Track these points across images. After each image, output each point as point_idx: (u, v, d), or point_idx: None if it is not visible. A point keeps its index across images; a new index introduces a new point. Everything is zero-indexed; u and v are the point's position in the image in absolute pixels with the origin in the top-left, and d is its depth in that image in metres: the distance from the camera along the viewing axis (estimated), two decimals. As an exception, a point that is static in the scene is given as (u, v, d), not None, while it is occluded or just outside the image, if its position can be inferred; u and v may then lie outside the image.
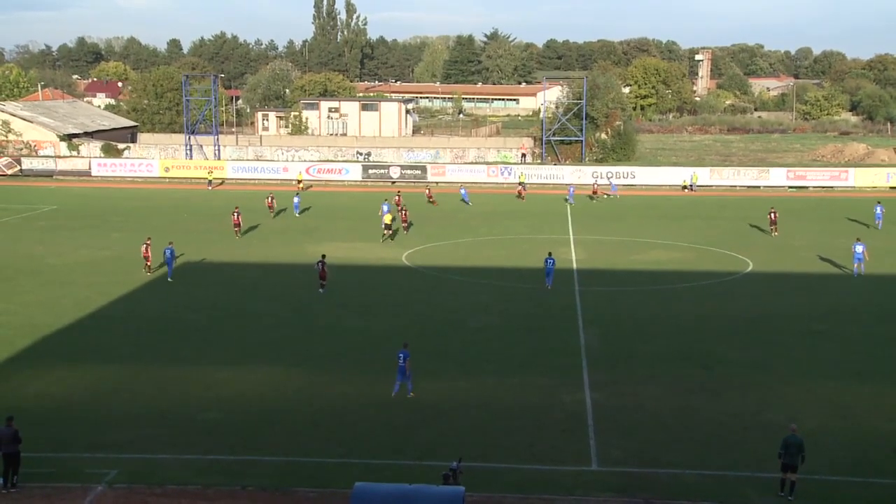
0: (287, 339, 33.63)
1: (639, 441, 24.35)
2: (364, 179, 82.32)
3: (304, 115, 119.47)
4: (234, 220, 54.17)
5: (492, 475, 22.12)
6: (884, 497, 21.23)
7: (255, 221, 59.21)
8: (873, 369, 30.29)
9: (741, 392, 28.10)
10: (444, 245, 52.68)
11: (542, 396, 27.73)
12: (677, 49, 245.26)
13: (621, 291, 41.53)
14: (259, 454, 23.35)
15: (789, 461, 21.04)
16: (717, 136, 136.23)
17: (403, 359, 27.53)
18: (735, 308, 38.49)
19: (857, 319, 36.46)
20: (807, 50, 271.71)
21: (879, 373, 29.93)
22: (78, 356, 31.35)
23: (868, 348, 32.63)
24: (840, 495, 21.32)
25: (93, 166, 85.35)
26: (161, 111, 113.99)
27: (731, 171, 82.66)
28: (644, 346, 32.88)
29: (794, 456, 21.03)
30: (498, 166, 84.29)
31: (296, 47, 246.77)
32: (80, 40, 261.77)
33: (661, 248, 51.83)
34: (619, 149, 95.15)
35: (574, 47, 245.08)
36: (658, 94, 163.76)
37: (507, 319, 36.54)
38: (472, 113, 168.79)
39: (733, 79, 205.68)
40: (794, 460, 21.03)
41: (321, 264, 40.76)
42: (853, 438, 24.49)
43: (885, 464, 22.83)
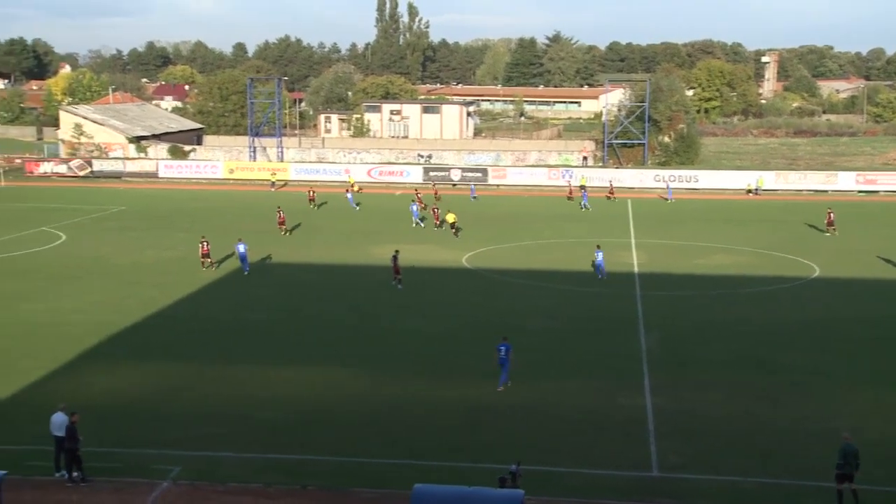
0: (347, 340, 33.93)
1: (699, 447, 24.08)
2: (425, 182, 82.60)
3: (365, 117, 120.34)
4: (280, 219, 56.52)
5: (550, 479, 22.04)
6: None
7: (317, 223, 59.90)
8: (943, 379, 29.51)
9: (804, 399, 27.61)
10: (505, 248, 52.63)
11: (601, 400, 27.57)
12: (743, 51, 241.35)
13: (683, 296, 41.07)
14: (318, 454, 23.59)
15: (847, 471, 20.67)
16: (783, 140, 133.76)
17: (505, 351, 28.14)
18: (799, 313, 37.81)
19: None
20: (879, 51, 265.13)
21: (950, 382, 29.15)
22: (143, 354, 32.02)
23: (938, 357, 31.81)
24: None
25: (160, 168, 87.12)
26: (226, 114, 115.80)
27: (797, 175, 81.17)
28: (705, 351, 32.48)
29: (851, 465, 20.67)
30: (559, 169, 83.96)
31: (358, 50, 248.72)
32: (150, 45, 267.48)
33: (724, 253, 51.13)
34: (681, 152, 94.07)
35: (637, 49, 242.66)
36: (722, 96, 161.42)
37: (566, 323, 36.38)
38: (534, 116, 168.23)
39: (801, 81, 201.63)
40: (852, 469, 20.65)
41: (395, 259, 41.90)
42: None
43: (954, 476, 22.23)
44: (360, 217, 62.87)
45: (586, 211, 66.60)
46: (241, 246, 44.83)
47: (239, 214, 60.53)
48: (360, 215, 63.26)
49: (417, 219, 59.65)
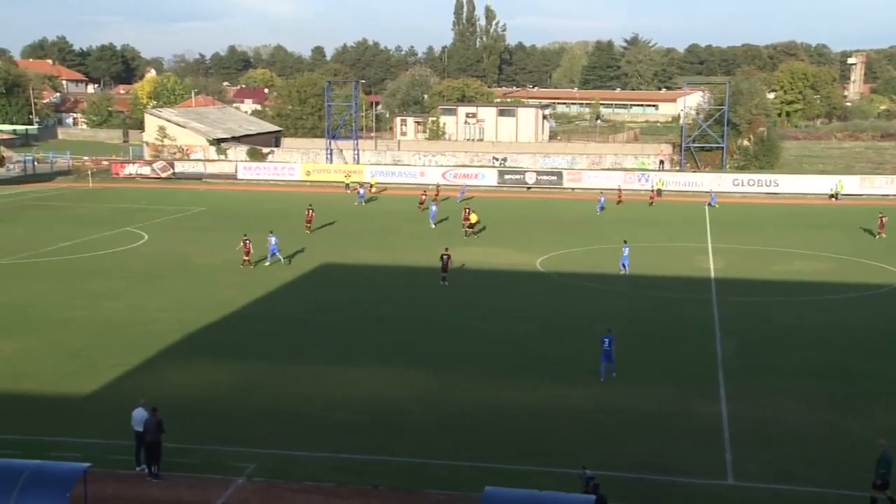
0: (417, 341, 34.09)
1: (776, 456, 23.59)
2: (500, 185, 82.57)
3: (441, 120, 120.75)
4: (308, 217, 57.80)
5: (623, 485, 21.82)
6: None
7: (393, 224, 60.40)
8: None
9: (886, 409, 26.84)
10: (578, 251, 52.28)
11: (675, 406, 27.21)
12: (828, 52, 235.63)
13: (760, 302, 40.26)
14: (388, 454, 23.76)
15: (887, 479, 20.29)
16: (869, 143, 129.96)
17: (609, 343, 29.29)
18: (882, 321, 36.74)
19: None
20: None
21: None
22: (220, 353, 32.66)
23: None
24: None
25: (239, 169, 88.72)
26: (304, 116, 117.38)
27: (883, 180, 78.89)
28: (783, 359, 31.79)
29: (888, 473, 20.32)
30: (635, 173, 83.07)
31: (435, 53, 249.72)
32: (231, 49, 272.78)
33: (803, 259, 49.97)
34: (761, 156, 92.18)
35: (717, 52, 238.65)
36: (805, 99, 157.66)
37: (640, 327, 35.96)
38: (610, 119, 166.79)
39: (889, 83, 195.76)
40: (889, 477, 20.27)
41: (446, 257, 42.89)
42: None
43: None
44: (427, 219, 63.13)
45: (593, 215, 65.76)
46: (272, 238, 47.45)
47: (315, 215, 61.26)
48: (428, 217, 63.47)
49: (433, 220, 60.16)
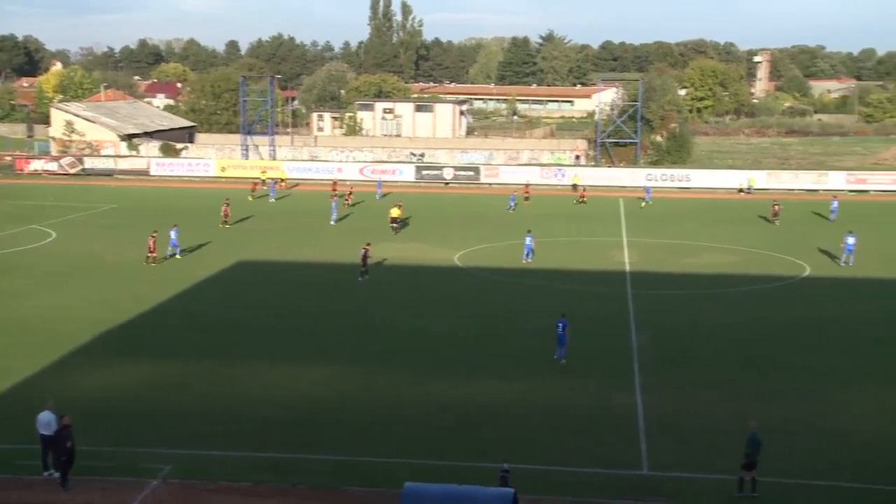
0: (340, 339, 33.88)
1: (691, 446, 24.13)
2: (417, 180, 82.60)
3: (358, 115, 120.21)
4: (224, 212, 57.54)
5: (542, 477, 22.06)
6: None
7: (315, 222, 59.94)
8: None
9: (797, 398, 27.68)
10: (496, 247, 52.63)
11: (593, 399, 27.61)
12: (735, 50, 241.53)
13: (674, 295, 41.13)
14: (311, 452, 23.56)
15: (754, 459, 21.01)
16: (775, 139, 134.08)
17: (562, 328, 30.31)
18: (792, 312, 37.90)
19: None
20: (870, 51, 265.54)
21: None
22: (135, 352, 31.93)
23: (929, 356, 31.93)
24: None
25: (151, 166, 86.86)
26: (218, 112, 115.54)
27: (788, 175, 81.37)
28: (697, 350, 32.54)
29: (756, 454, 21.02)
30: (551, 168, 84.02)
31: (351, 48, 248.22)
32: (142, 42, 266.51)
33: (715, 252, 51.22)
34: (674, 151, 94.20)
35: (630, 49, 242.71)
36: (715, 96, 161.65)
37: (558, 322, 36.34)
38: (527, 114, 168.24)
39: (793, 81, 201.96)
40: (756, 458, 21.00)
41: (364, 251, 43.03)
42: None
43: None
44: (351, 215, 62.75)
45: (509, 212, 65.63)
46: (173, 232, 47.37)
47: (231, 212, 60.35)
48: (352, 213, 63.04)
49: (336, 216, 59.86)
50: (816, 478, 22.12)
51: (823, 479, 22.06)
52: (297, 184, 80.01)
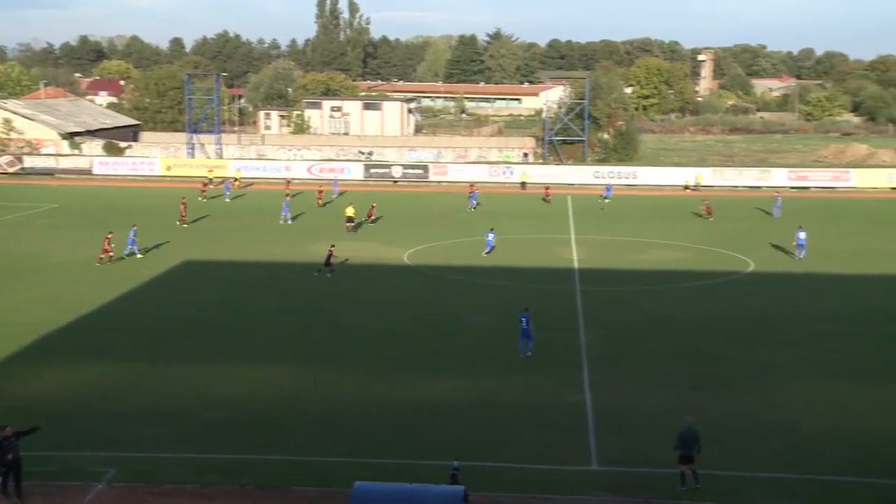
0: (289, 338, 33.62)
1: (639, 441, 24.34)
2: (366, 178, 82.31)
3: (306, 114, 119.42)
4: (181, 211, 57.37)
5: (492, 474, 22.10)
6: (887, 497, 21.19)
7: (260, 221, 59.42)
8: (877, 370, 30.26)
9: (743, 392, 28.08)
10: (445, 244, 52.66)
11: (542, 396, 27.73)
12: (680, 49, 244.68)
13: (622, 291, 41.51)
14: (261, 453, 23.33)
15: (686, 452, 21.26)
16: (719, 137, 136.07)
17: (526, 322, 30.67)
18: (737, 308, 38.46)
19: (861, 320, 36.40)
20: (809, 51, 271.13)
21: (883, 374, 29.90)
22: (80, 354, 31.36)
23: (872, 349, 32.60)
24: (842, 496, 21.28)
25: (94, 165, 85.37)
26: (163, 110, 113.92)
27: (733, 172, 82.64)
28: (645, 346, 32.86)
29: (690, 447, 21.28)
30: (500, 166, 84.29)
31: (298, 46, 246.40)
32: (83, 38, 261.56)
33: (662, 248, 51.80)
34: (621, 149, 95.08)
35: (577, 47, 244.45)
36: (660, 94, 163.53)
37: (507, 319, 36.39)
38: (475, 112, 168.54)
39: (735, 79, 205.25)
40: (691, 451, 21.27)
41: (330, 252, 43.08)
42: (856, 439, 24.46)
43: (888, 464, 22.80)
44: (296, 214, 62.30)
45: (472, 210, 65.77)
46: (132, 232, 47.08)
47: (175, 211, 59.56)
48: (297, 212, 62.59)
49: (287, 215, 59.45)
50: (759, 470, 22.47)
51: (765, 471, 22.42)
52: (251, 183, 79.17)
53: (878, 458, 23.14)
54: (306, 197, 68.40)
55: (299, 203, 64.20)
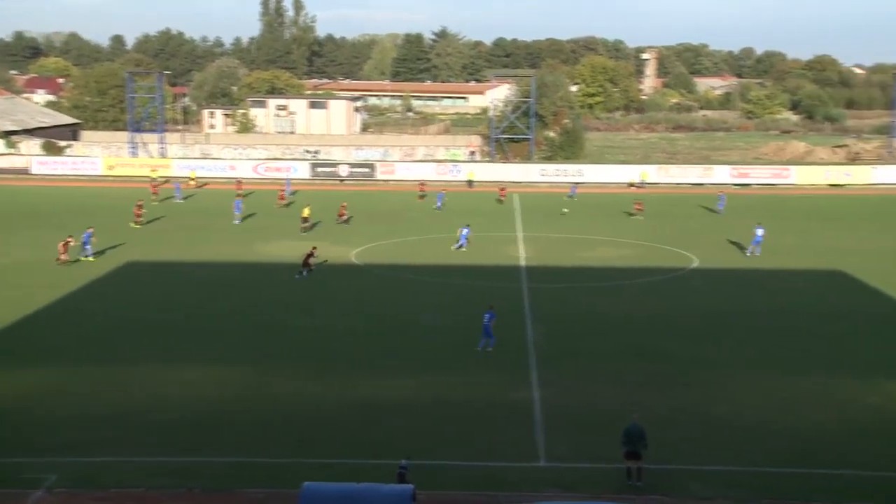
0: (236, 339, 33.31)
1: (586, 437, 24.56)
2: (313, 178, 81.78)
3: (251, 112, 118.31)
4: (136, 212, 56.74)
5: (441, 472, 22.14)
6: (823, 487, 21.63)
7: (206, 221, 58.76)
8: (815, 364, 30.88)
9: (687, 387, 28.48)
10: (392, 243, 52.57)
11: (490, 394, 27.83)
12: (624, 48, 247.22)
13: (569, 288, 41.81)
14: (208, 455, 23.11)
15: (632, 449, 21.52)
16: (663, 134, 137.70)
17: (489, 319, 31.26)
18: (681, 304, 38.97)
19: (801, 315, 37.08)
20: (749, 50, 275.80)
21: (821, 367, 30.52)
22: (18, 357, 30.73)
23: (811, 344, 33.28)
24: (781, 487, 21.68)
25: (33, 164, 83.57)
26: (104, 108, 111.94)
27: (677, 169, 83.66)
28: (591, 343, 33.14)
29: (636, 444, 21.53)
30: (447, 164, 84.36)
31: (243, 44, 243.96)
32: (18, 34, 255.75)
33: (608, 245, 52.27)
34: (567, 147, 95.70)
35: (522, 46, 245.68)
36: (605, 92, 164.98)
37: (455, 317, 36.55)
38: (421, 111, 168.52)
39: (679, 78, 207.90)
40: (637, 448, 21.51)
41: (310, 253, 43.14)
42: (795, 431, 24.95)
43: (825, 455, 23.30)
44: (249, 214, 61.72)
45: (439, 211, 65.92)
46: (86, 235, 46.13)
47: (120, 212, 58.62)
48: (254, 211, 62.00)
49: (238, 215, 58.82)
50: (702, 463, 22.83)
51: (709, 464, 22.78)
52: (206, 183, 78.18)
53: (814, 450, 23.66)
54: (259, 197, 67.89)
55: (253, 203, 63.58)
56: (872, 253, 49.40)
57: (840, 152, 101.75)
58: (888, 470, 22.41)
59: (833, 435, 24.62)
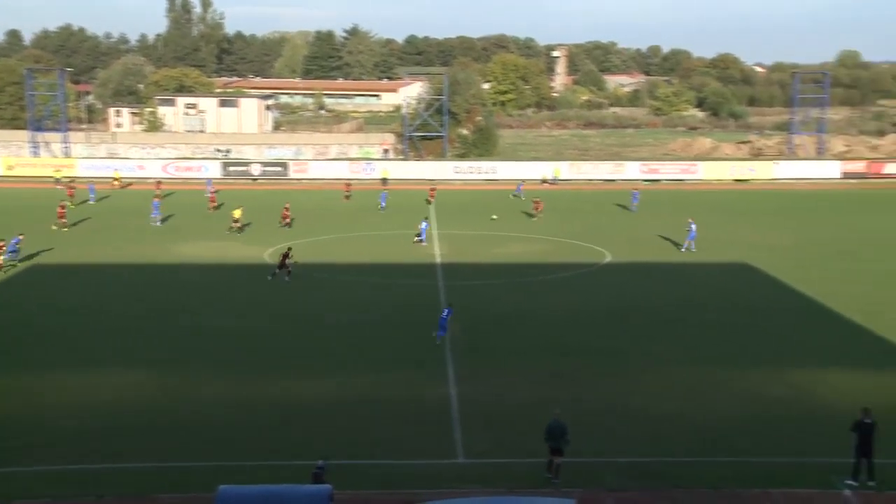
0: (149, 341, 32.60)
1: (502, 432, 24.74)
2: (224, 177, 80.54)
3: (159, 111, 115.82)
4: (59, 213, 55.30)
5: (359, 472, 22.05)
6: (731, 475, 22.18)
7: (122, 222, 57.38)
8: (722, 355, 31.69)
9: (601, 380, 28.92)
10: (306, 242, 52.10)
11: (407, 391, 27.82)
12: (535, 46, 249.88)
13: (484, 284, 42.06)
14: (119, 461, 22.54)
15: (554, 444, 21.77)
16: (574, 131, 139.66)
17: (447, 314, 32.49)
18: (594, 298, 39.57)
19: (710, 308, 38.00)
20: (657, 48, 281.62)
21: (727, 358, 31.33)
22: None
23: (717, 334, 34.15)
24: (692, 475, 22.16)
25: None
26: (2, 106, 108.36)
27: (589, 166, 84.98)
28: (507, 338, 33.40)
29: (558, 440, 21.76)
30: (361, 162, 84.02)
31: (149, 41, 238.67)
32: None
33: (522, 242, 52.76)
34: (480, 144, 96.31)
35: (434, 43, 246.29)
36: (517, 89, 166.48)
37: (372, 316, 36.46)
38: (334, 109, 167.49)
39: (589, 75, 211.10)
40: (559, 444, 21.76)
41: (284, 256, 42.41)
42: (704, 420, 25.57)
43: (731, 443, 23.94)
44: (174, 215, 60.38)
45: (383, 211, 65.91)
46: (14, 240, 44.65)
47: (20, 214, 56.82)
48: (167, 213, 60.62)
49: (157, 217, 57.70)
50: (616, 455, 23.20)
51: (623, 455, 23.16)
52: (130, 183, 76.24)
53: (722, 438, 24.27)
54: (179, 197, 66.62)
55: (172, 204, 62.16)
56: (776, 246, 50.98)
57: (744, 148, 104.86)
58: (792, 456, 23.15)
59: (741, 424, 25.28)
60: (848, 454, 21.48)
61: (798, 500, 20.79)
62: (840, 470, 21.68)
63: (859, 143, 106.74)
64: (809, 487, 21.31)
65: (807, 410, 26.31)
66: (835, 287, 40.90)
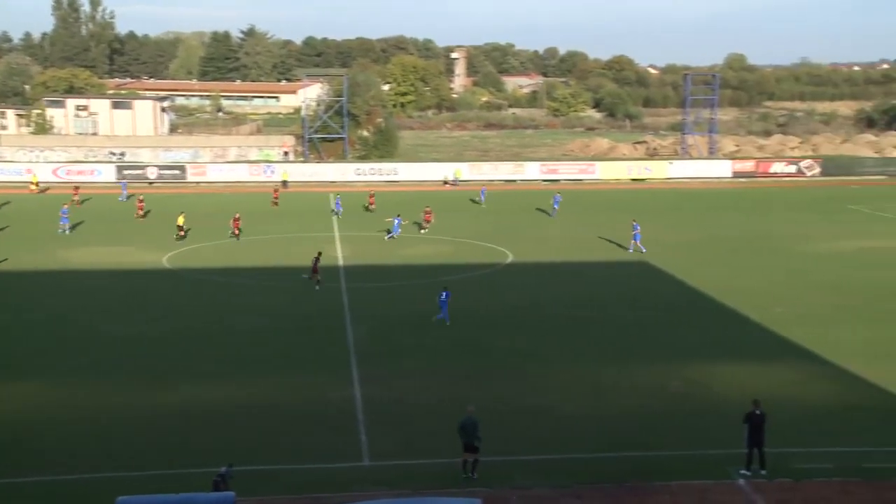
0: (42, 351, 31.55)
1: (409, 433, 24.78)
2: (119, 181, 78.39)
3: (48, 113, 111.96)
4: None
5: (264, 477, 21.78)
6: (633, 470, 22.71)
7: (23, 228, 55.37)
8: (623, 351, 32.40)
9: (507, 379, 29.21)
10: (207, 247, 51.19)
11: (312, 395, 27.62)
12: (434, 47, 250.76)
13: (388, 286, 42.04)
14: (15, 475, 21.75)
15: (468, 441, 21.99)
16: (474, 133, 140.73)
17: (445, 296, 34.61)
18: (497, 298, 39.94)
19: (608, 305, 38.79)
20: (553, 50, 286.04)
21: (628, 354, 32.05)
22: None
23: (617, 332, 34.90)
24: (597, 471, 22.60)
25: None
26: None
27: (489, 166, 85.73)
28: (412, 339, 33.46)
29: (471, 436, 21.99)
30: (260, 165, 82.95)
31: (34, 40, 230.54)
32: None
33: (426, 243, 52.90)
34: (381, 145, 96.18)
35: (333, 45, 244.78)
36: (417, 91, 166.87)
37: (274, 320, 36.07)
38: (232, 111, 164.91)
39: (488, 76, 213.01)
40: (472, 440, 21.98)
41: (316, 260, 41.36)
42: (607, 417, 26.11)
43: (634, 438, 24.51)
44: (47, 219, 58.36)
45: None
46: None
47: None
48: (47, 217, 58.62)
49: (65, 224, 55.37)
50: (523, 453, 23.50)
51: (529, 453, 23.48)
52: (48, 187, 73.51)
53: (625, 433, 24.83)
54: (96, 202, 64.58)
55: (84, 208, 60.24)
56: (671, 244, 52.34)
57: (640, 148, 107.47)
58: (690, 449, 23.84)
59: (641, 419, 25.89)
60: (741, 445, 22.23)
61: (695, 492, 21.42)
62: (734, 460, 22.43)
63: (748, 142, 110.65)
64: (706, 479, 21.98)
65: (702, 403, 27.13)
66: (728, 282, 42.25)
